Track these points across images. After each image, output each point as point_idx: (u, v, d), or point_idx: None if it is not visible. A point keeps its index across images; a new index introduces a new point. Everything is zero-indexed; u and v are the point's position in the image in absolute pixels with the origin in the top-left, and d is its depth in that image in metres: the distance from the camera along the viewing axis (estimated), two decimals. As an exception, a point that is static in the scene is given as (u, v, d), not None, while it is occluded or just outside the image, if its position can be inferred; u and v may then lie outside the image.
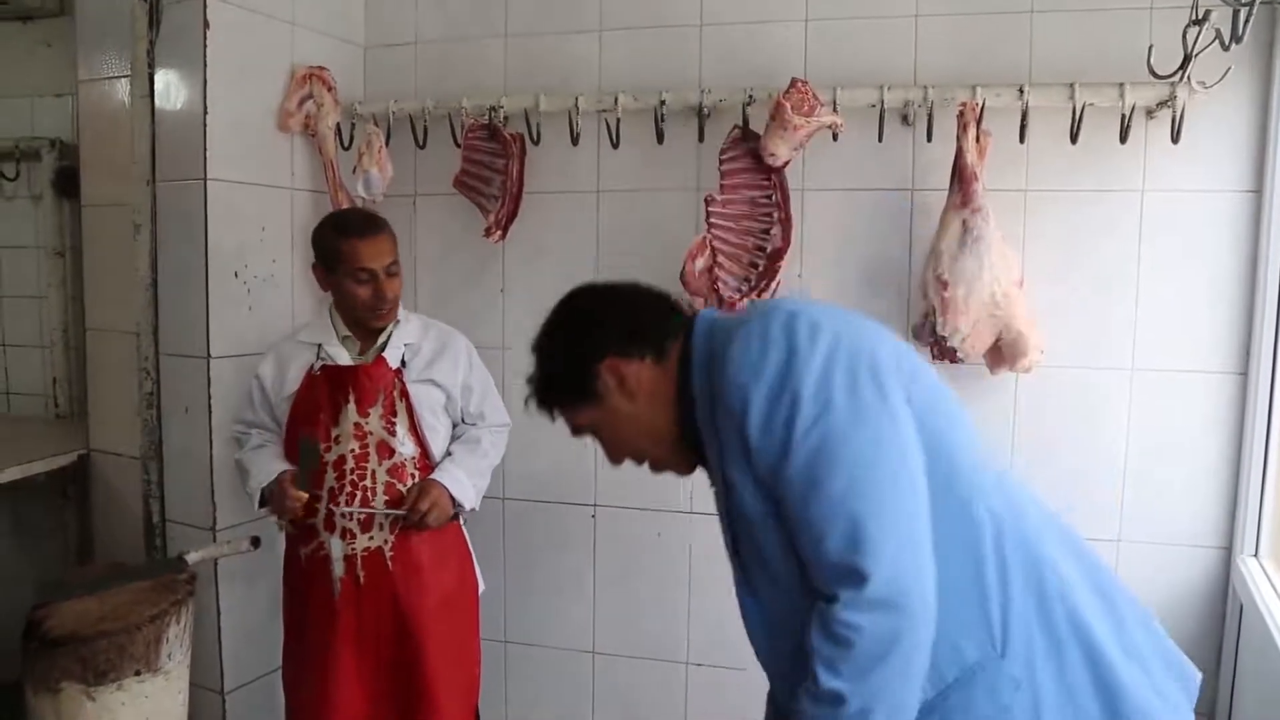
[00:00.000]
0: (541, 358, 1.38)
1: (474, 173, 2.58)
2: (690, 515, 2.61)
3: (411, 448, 2.16)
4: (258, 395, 2.22)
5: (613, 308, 1.37)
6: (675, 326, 1.33)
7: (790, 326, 1.19)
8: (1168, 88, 2.08)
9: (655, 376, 1.31)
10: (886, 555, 1.09)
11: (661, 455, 1.37)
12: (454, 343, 2.27)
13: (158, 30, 2.37)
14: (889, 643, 1.09)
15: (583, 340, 1.33)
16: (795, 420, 1.14)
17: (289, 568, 2.24)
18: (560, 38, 2.63)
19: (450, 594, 2.22)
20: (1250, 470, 2.20)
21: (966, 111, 2.17)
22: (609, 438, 1.37)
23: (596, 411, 1.33)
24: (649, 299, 1.38)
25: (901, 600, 1.09)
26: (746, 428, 1.17)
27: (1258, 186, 2.20)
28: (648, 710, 2.73)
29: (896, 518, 1.12)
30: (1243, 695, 2.16)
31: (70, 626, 1.96)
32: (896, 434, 1.16)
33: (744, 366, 1.18)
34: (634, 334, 1.32)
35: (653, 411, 1.31)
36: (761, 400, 1.16)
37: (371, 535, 2.12)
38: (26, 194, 3.10)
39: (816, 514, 1.13)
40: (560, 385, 1.36)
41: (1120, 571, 2.32)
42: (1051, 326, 2.25)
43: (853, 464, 1.13)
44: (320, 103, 2.58)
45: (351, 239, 2.10)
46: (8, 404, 3.19)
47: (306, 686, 2.18)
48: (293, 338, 2.25)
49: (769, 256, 2.35)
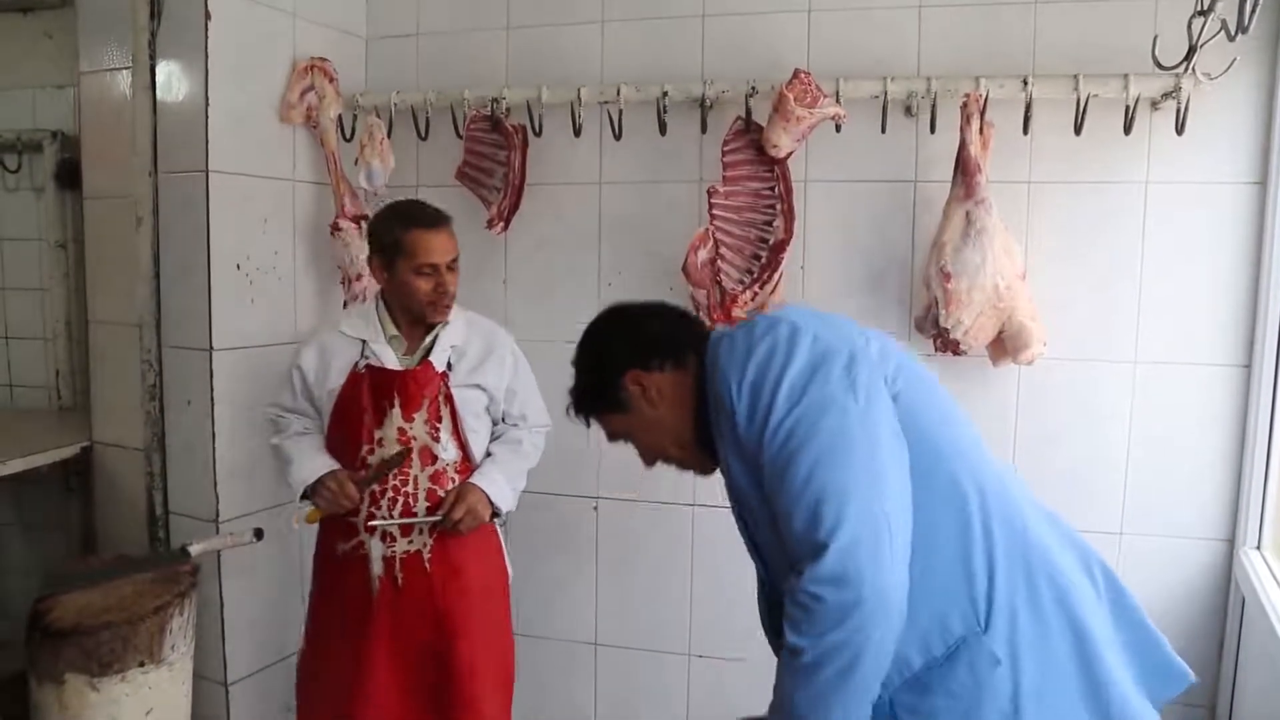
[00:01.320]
0: (577, 371, 1.52)
1: (476, 164, 2.57)
2: (692, 508, 2.62)
3: (454, 452, 2.13)
4: (299, 384, 2.17)
5: (632, 324, 1.50)
6: (692, 338, 1.45)
7: (773, 329, 1.31)
8: (1172, 79, 2.07)
9: (675, 384, 1.43)
10: (844, 534, 1.16)
11: (684, 456, 1.48)
12: (499, 344, 2.23)
13: (159, 22, 2.37)
14: (844, 613, 1.15)
15: (606, 355, 1.48)
16: (772, 411, 1.24)
17: (323, 562, 2.20)
18: (562, 29, 2.62)
19: (485, 589, 2.21)
20: (1253, 463, 2.19)
21: (970, 103, 2.16)
22: (639, 442, 1.51)
23: (625, 418, 1.47)
24: (666, 315, 1.51)
25: (854, 577, 1.15)
26: (735, 419, 1.29)
27: (1262, 178, 2.19)
28: (649, 701, 2.74)
29: (859, 502, 1.18)
30: (1244, 687, 2.16)
31: (74, 618, 1.97)
32: (868, 426, 1.23)
33: (731, 365, 1.30)
34: (651, 347, 1.44)
35: (675, 416, 1.44)
36: (745, 394, 1.28)
37: (411, 539, 2.10)
38: (28, 186, 3.10)
39: (786, 496, 1.22)
40: (591, 396, 1.50)
41: (1123, 564, 2.32)
42: (1054, 319, 2.25)
43: (819, 450, 1.21)
44: (322, 94, 2.58)
45: (418, 231, 2.05)
46: (11, 396, 3.19)
47: (333, 679, 2.13)
48: (335, 328, 2.18)
49: (771, 248, 2.34)
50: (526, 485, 2.27)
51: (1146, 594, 2.29)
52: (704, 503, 2.59)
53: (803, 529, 1.19)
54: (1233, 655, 2.22)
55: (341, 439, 2.13)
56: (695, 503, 2.61)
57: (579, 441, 2.67)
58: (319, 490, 2.07)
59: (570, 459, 2.68)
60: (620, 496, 2.68)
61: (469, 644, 2.13)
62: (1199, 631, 2.29)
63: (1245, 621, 2.17)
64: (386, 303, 2.16)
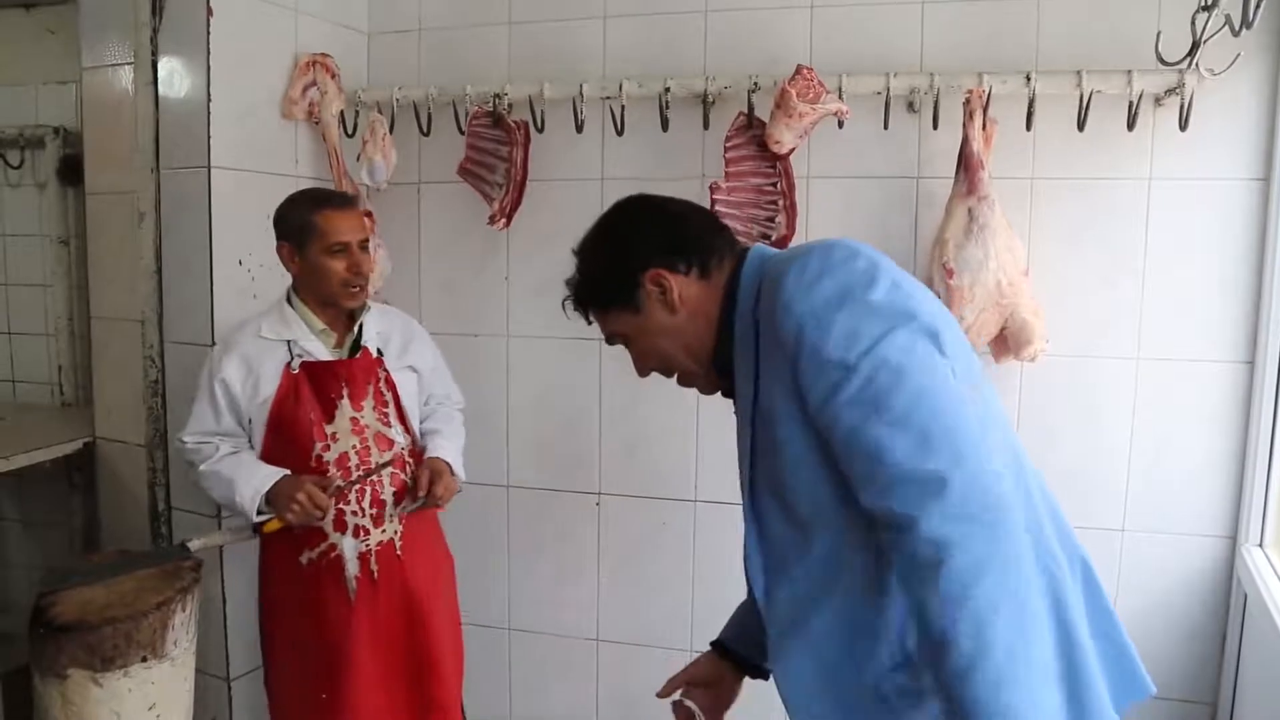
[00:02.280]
0: (585, 260, 1.36)
1: (478, 160, 2.57)
2: (694, 504, 2.62)
3: (403, 437, 2.14)
4: (224, 401, 2.04)
5: (663, 217, 1.34)
6: (725, 249, 1.32)
7: (850, 261, 1.16)
8: (1176, 75, 2.06)
9: (699, 293, 1.29)
10: (967, 457, 1.02)
11: (692, 371, 1.34)
12: (414, 326, 2.29)
13: (161, 18, 2.37)
14: (985, 556, 0.99)
15: (630, 245, 1.31)
16: (853, 345, 1.09)
17: (281, 576, 2.11)
18: (564, 25, 2.62)
19: (442, 571, 2.26)
20: (1256, 460, 2.19)
21: (973, 99, 2.16)
22: (642, 347, 1.35)
23: (634, 319, 1.32)
24: (701, 216, 1.36)
25: (991, 500, 1.00)
26: (800, 355, 1.13)
27: (1266, 175, 2.18)
28: (651, 698, 2.73)
29: (969, 427, 1.05)
30: (1246, 684, 2.16)
31: (77, 614, 1.97)
32: (949, 373, 1.11)
33: (798, 293, 1.14)
34: (681, 247, 1.29)
35: (694, 328, 1.30)
36: (817, 327, 1.11)
37: (384, 529, 2.10)
38: (31, 182, 3.10)
39: (877, 431, 1.05)
40: (601, 289, 1.34)
41: (1125, 561, 2.32)
42: (1057, 315, 2.25)
43: (918, 384, 1.07)
44: (324, 90, 2.58)
45: (329, 210, 2.03)
46: (14, 392, 3.20)
47: (314, 692, 2.08)
48: (250, 334, 2.08)
49: (774, 244, 2.34)
50: (527, 480, 2.28)
51: (1148, 591, 2.31)
52: (706, 499, 2.59)
53: (909, 459, 1.03)
54: (1234, 653, 2.22)
55: (286, 445, 2.05)
56: (698, 499, 2.61)
57: (581, 438, 2.69)
58: (283, 504, 1.96)
59: (572, 455, 2.68)
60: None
61: (438, 625, 2.16)
62: (1201, 629, 2.29)
63: (1247, 619, 2.17)
64: (301, 297, 2.10)
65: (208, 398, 2.07)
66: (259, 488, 1.99)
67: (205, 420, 2.08)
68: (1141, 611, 2.30)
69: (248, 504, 1.99)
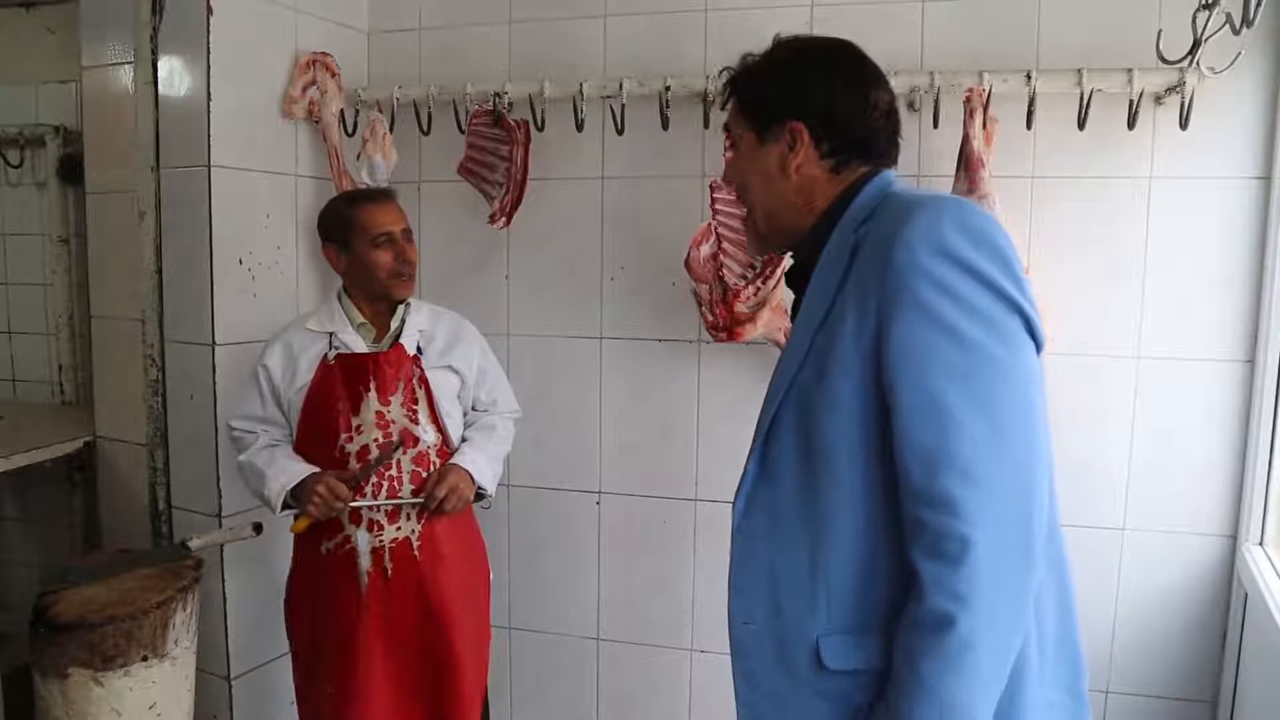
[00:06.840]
0: (771, 55, 1.28)
1: (479, 159, 2.57)
2: (695, 502, 2.62)
3: (433, 435, 2.13)
4: (266, 387, 2.13)
5: (856, 95, 1.22)
6: (876, 160, 1.24)
7: (991, 230, 1.10)
8: (1176, 73, 2.06)
9: (819, 178, 1.23)
10: (1033, 487, 1.06)
11: (760, 230, 1.29)
12: (466, 329, 2.27)
13: (161, 16, 2.37)
14: (999, 565, 1.02)
15: (803, 87, 1.22)
16: (967, 316, 1.05)
17: (304, 566, 2.16)
18: (565, 23, 2.62)
19: (471, 581, 2.21)
20: (1256, 459, 2.19)
21: (973, 97, 2.16)
22: (741, 167, 1.29)
23: (753, 141, 1.26)
24: (889, 123, 1.25)
25: (1031, 551, 1.04)
26: (898, 296, 1.07)
27: (1267, 173, 2.18)
28: (652, 697, 2.74)
29: (1041, 449, 1.09)
30: (1246, 683, 2.16)
31: (78, 612, 1.97)
32: (1040, 382, 1.11)
33: (929, 237, 1.06)
34: (843, 132, 1.21)
35: (793, 200, 1.24)
36: (931, 281, 1.05)
37: (399, 526, 2.09)
38: (31, 181, 3.11)
39: (959, 410, 1.04)
40: (752, 90, 1.27)
41: (1125, 559, 2.32)
42: (1057, 314, 2.25)
43: (1012, 387, 1.08)
44: (324, 89, 2.58)
45: (366, 205, 2.12)
46: (14, 391, 3.20)
47: (330, 683, 2.10)
48: (299, 326, 2.17)
49: (774, 244, 2.34)
50: (527, 479, 2.28)
51: (1148, 590, 2.32)
52: (707, 497, 2.59)
53: (975, 459, 1.03)
54: (1235, 651, 2.22)
55: (316, 432, 2.10)
56: (698, 497, 2.61)
57: (581, 437, 2.69)
58: (306, 498, 2.00)
59: (573, 453, 2.68)
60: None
61: (459, 636, 2.12)
62: (1201, 627, 2.29)
63: (1247, 617, 2.17)
64: (349, 294, 2.17)
65: (254, 383, 2.16)
66: (286, 484, 2.04)
67: (251, 405, 2.16)
68: (1141, 610, 2.30)
69: (274, 498, 2.05)
